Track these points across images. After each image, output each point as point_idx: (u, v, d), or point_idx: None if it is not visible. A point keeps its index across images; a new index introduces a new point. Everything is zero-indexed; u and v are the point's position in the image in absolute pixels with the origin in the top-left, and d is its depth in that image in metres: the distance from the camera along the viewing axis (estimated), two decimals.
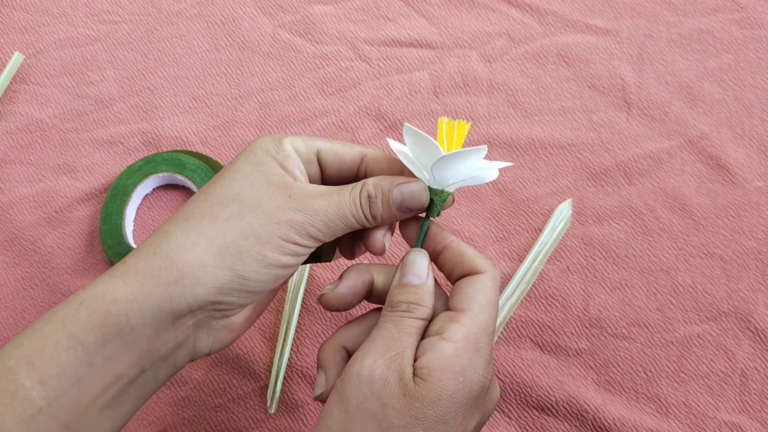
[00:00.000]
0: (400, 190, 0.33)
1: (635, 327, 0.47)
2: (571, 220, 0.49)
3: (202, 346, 0.32)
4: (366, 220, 0.33)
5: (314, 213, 0.31)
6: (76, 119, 0.53)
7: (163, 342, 0.30)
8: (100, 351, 0.28)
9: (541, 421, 0.45)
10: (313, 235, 0.31)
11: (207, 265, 0.29)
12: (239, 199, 0.31)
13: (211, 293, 0.30)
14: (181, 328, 0.30)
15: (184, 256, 0.29)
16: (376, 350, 0.31)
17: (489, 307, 0.33)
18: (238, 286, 0.30)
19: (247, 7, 0.55)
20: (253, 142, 0.33)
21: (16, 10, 0.55)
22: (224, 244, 0.30)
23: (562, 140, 0.51)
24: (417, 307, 0.32)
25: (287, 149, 0.33)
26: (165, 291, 0.29)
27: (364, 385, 0.30)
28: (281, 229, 0.30)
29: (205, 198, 0.32)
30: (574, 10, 0.54)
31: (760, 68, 0.52)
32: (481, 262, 0.34)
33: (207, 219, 0.30)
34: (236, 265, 0.30)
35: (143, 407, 0.46)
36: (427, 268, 0.34)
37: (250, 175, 0.32)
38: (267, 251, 0.30)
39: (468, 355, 0.31)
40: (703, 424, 0.45)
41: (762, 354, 0.46)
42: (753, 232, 0.48)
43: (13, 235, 0.50)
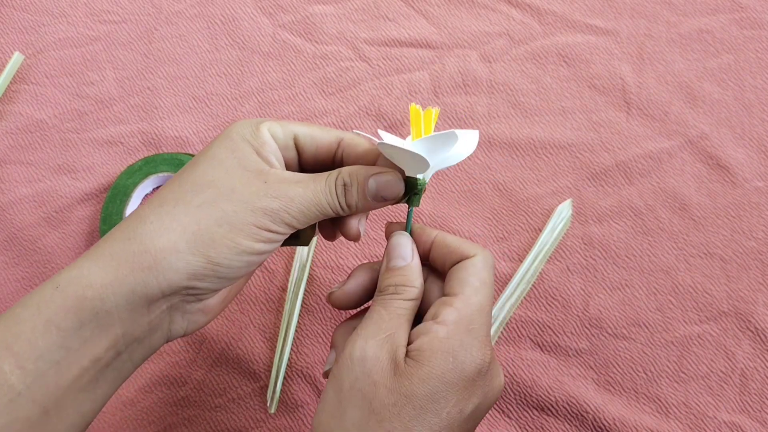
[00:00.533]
0: (375, 180, 0.33)
1: (635, 327, 0.47)
2: (571, 220, 0.49)
3: (177, 328, 0.32)
4: (341, 209, 0.33)
5: (289, 200, 0.31)
6: (76, 119, 0.53)
7: (138, 325, 0.30)
8: (76, 334, 0.29)
9: (541, 421, 0.45)
10: (287, 222, 0.31)
11: (180, 251, 0.29)
12: (213, 185, 0.31)
13: (185, 279, 0.30)
14: (155, 312, 0.30)
15: (157, 242, 0.29)
16: (367, 332, 0.31)
17: (482, 287, 0.33)
18: (211, 272, 0.30)
19: (247, 7, 0.55)
20: (230, 127, 0.33)
21: (16, 10, 0.55)
22: (198, 230, 0.30)
23: (562, 140, 0.51)
24: (404, 288, 0.33)
25: (264, 135, 0.33)
26: (139, 276, 0.29)
27: (356, 365, 0.30)
28: (255, 216, 0.30)
29: (179, 184, 0.32)
30: (574, 10, 0.54)
31: (760, 68, 0.52)
32: (468, 247, 0.34)
33: (181, 205, 0.30)
34: (210, 252, 0.30)
35: (144, 408, 0.46)
36: (411, 249, 0.34)
37: (225, 161, 0.32)
38: (240, 239, 0.30)
39: (459, 336, 0.31)
40: (703, 424, 0.45)
41: (762, 354, 0.46)
42: (753, 232, 0.48)
43: (13, 235, 0.50)
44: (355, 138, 0.35)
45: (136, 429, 0.46)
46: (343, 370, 0.30)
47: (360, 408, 0.30)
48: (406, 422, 0.29)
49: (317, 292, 0.48)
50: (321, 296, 0.48)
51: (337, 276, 0.48)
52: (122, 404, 0.46)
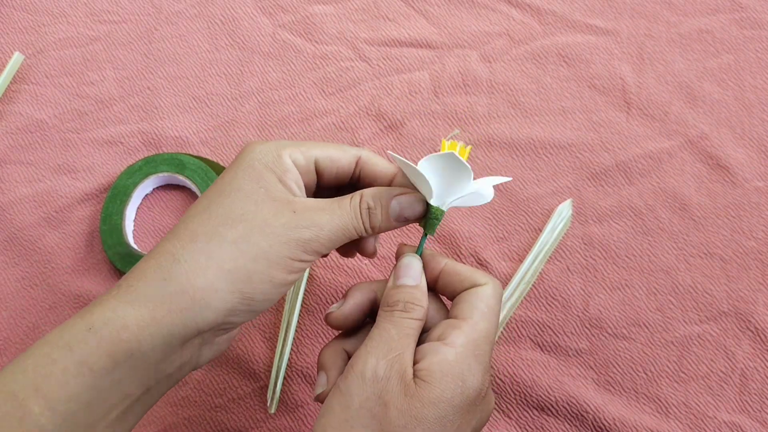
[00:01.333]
0: (398, 201, 0.33)
1: (635, 327, 0.47)
2: (571, 220, 0.49)
3: (204, 359, 0.33)
4: (365, 231, 0.33)
5: (319, 229, 0.31)
6: (76, 119, 0.53)
7: (171, 362, 0.30)
8: (108, 375, 0.28)
9: (541, 421, 0.45)
10: (317, 250, 0.32)
11: (219, 290, 0.30)
12: (245, 219, 0.31)
13: (221, 316, 0.30)
14: (188, 348, 0.31)
15: (195, 282, 0.29)
16: (378, 351, 0.31)
17: (489, 314, 0.33)
18: (246, 307, 0.31)
19: (247, 7, 0.55)
20: (250, 152, 0.33)
21: (16, 10, 0.55)
22: (235, 268, 0.30)
23: (562, 140, 0.51)
24: (413, 307, 0.33)
25: (286, 163, 0.33)
26: (177, 317, 0.29)
27: (368, 384, 0.30)
28: (289, 248, 0.31)
29: (209, 217, 0.31)
30: (574, 10, 0.54)
31: (760, 68, 0.52)
32: (479, 276, 0.35)
33: (215, 241, 0.30)
34: (246, 288, 0.30)
35: None
36: (421, 271, 0.35)
37: (253, 194, 0.32)
38: (276, 272, 0.31)
39: (468, 361, 0.31)
40: (703, 424, 0.45)
41: (762, 354, 0.46)
42: (753, 232, 0.48)
43: (13, 235, 0.50)
44: (371, 156, 0.35)
45: (136, 429, 0.46)
46: (354, 388, 0.30)
47: (369, 428, 0.30)
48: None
49: (317, 292, 0.48)
50: (321, 296, 0.48)
51: (337, 276, 0.48)
52: None
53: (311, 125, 0.52)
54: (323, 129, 0.52)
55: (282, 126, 0.52)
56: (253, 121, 0.52)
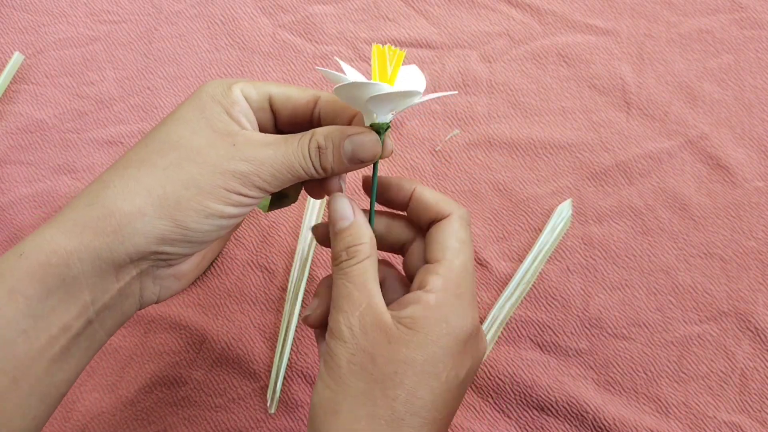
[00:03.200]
0: (351, 141, 0.32)
1: (635, 327, 0.47)
2: (571, 220, 0.49)
3: (149, 294, 0.32)
4: (315, 172, 0.32)
5: (260, 163, 0.30)
6: (76, 119, 0.53)
7: (107, 292, 0.30)
8: (43, 302, 0.28)
9: (541, 421, 0.45)
10: (258, 186, 0.30)
11: (146, 214, 0.29)
12: (180, 146, 0.30)
13: (152, 243, 0.29)
14: (124, 278, 0.30)
15: (122, 206, 0.29)
16: (344, 307, 0.31)
17: (462, 248, 0.33)
18: (180, 236, 0.30)
19: (247, 7, 0.55)
20: (202, 86, 0.32)
21: (16, 10, 0.55)
22: (164, 194, 0.29)
23: (562, 140, 0.51)
24: (356, 249, 0.32)
25: (235, 95, 0.32)
26: (104, 241, 0.28)
27: (348, 342, 0.30)
28: (224, 179, 0.30)
29: (145, 145, 0.31)
30: (574, 10, 0.54)
31: (760, 68, 0.52)
32: (444, 206, 0.33)
33: (146, 167, 0.30)
34: (177, 216, 0.29)
35: (144, 408, 0.46)
36: (350, 206, 0.33)
37: (192, 122, 0.31)
38: (209, 202, 0.30)
39: (450, 302, 0.31)
40: (703, 424, 0.45)
41: (762, 354, 0.46)
42: (753, 232, 0.48)
43: (13, 235, 0.50)
44: (332, 96, 0.34)
45: (136, 429, 0.46)
46: (336, 348, 0.30)
47: (363, 380, 0.29)
48: (409, 388, 0.29)
49: None
50: None
51: None
52: (122, 404, 0.46)
53: None
54: None
55: None
56: None
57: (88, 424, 0.46)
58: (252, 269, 0.49)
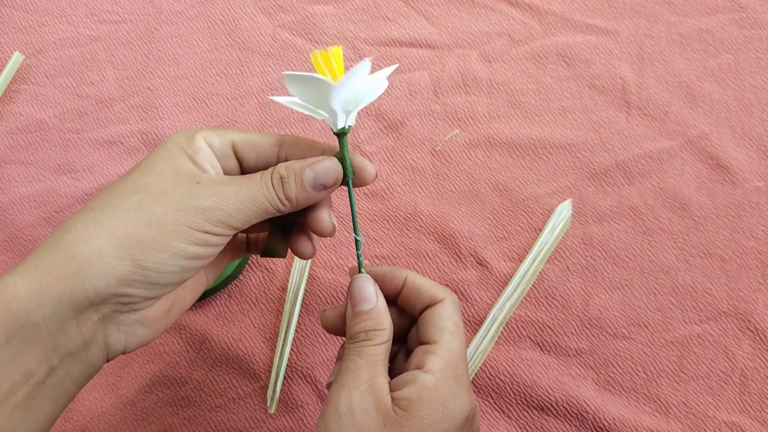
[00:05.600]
0: (312, 168, 0.32)
1: (635, 327, 0.47)
2: (571, 220, 0.49)
3: (115, 342, 0.31)
4: (281, 203, 0.32)
5: (223, 197, 0.30)
6: (76, 119, 0.53)
7: (69, 338, 0.29)
8: (4, 349, 0.28)
9: (541, 421, 0.45)
10: (225, 222, 0.30)
11: (105, 255, 0.28)
12: (143, 190, 0.30)
13: (112, 285, 0.29)
14: (86, 323, 0.29)
15: (82, 248, 0.28)
16: (349, 383, 0.31)
17: (457, 331, 0.34)
18: (141, 277, 0.29)
19: (247, 7, 0.55)
20: (169, 138, 0.33)
21: (16, 10, 0.55)
22: (125, 234, 0.29)
23: (562, 140, 0.51)
24: (375, 333, 0.33)
25: (198, 143, 0.32)
26: (64, 284, 0.28)
27: (344, 419, 0.30)
28: (187, 216, 0.29)
29: (110, 191, 0.31)
30: (574, 10, 0.54)
31: (760, 68, 0.52)
32: (437, 291, 0.35)
33: (108, 210, 0.30)
34: (137, 255, 0.29)
35: (144, 408, 0.46)
36: (374, 290, 0.34)
37: (157, 168, 0.31)
38: (172, 240, 0.29)
39: (447, 385, 0.31)
40: (703, 424, 0.45)
41: (762, 354, 0.46)
42: (753, 232, 0.48)
43: (13, 235, 0.50)
44: (295, 138, 0.34)
45: (136, 429, 0.46)
46: (331, 424, 0.30)
47: None
48: None
49: (317, 292, 0.48)
50: (321, 296, 0.48)
51: (337, 276, 0.48)
52: (122, 404, 0.46)
53: (311, 125, 0.52)
54: (322, 129, 0.52)
55: (282, 126, 0.52)
56: (253, 121, 0.52)
57: (88, 424, 0.46)
58: (252, 269, 0.49)
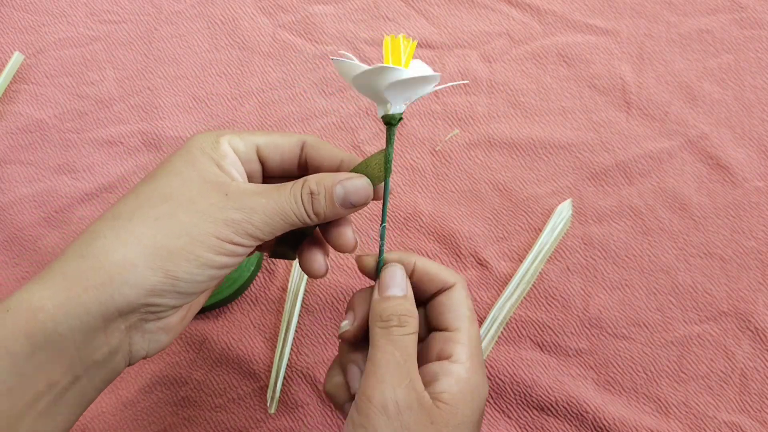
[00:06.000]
0: (343, 185, 0.32)
1: (635, 327, 0.47)
2: (571, 220, 0.49)
3: (138, 349, 0.31)
4: (308, 217, 0.32)
5: (252, 211, 0.30)
6: (76, 119, 0.53)
7: (96, 347, 0.29)
8: (29, 359, 0.27)
9: (541, 421, 0.45)
10: (251, 234, 0.30)
11: (137, 266, 0.28)
12: (172, 197, 0.30)
13: (142, 295, 0.28)
14: (113, 332, 0.29)
15: (112, 257, 0.28)
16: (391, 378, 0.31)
17: (473, 316, 0.34)
18: (171, 287, 0.29)
19: (247, 7, 0.55)
20: (190, 140, 0.32)
21: (16, 10, 0.55)
22: (155, 244, 0.29)
23: (562, 140, 0.51)
24: (407, 320, 0.33)
25: (224, 148, 0.32)
26: (93, 294, 0.28)
27: (393, 418, 0.30)
28: (217, 227, 0.29)
29: (135, 196, 0.30)
30: (574, 10, 0.54)
31: (760, 68, 0.52)
32: (447, 276, 0.35)
33: (137, 218, 0.29)
34: (168, 266, 0.29)
35: (144, 408, 0.46)
36: (407, 280, 0.34)
37: (183, 173, 0.31)
38: (201, 251, 0.29)
39: (477, 372, 0.32)
40: (703, 424, 0.45)
41: (762, 354, 0.46)
42: (753, 232, 0.48)
43: (13, 235, 0.50)
44: (317, 141, 0.34)
45: (136, 429, 0.46)
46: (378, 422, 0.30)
47: None
48: None
49: (317, 292, 0.48)
50: (321, 296, 0.48)
51: (337, 276, 0.48)
52: (122, 404, 0.46)
53: (311, 125, 0.52)
54: (323, 129, 0.52)
55: (282, 126, 0.52)
56: (253, 121, 0.52)
57: (88, 424, 0.46)
58: None
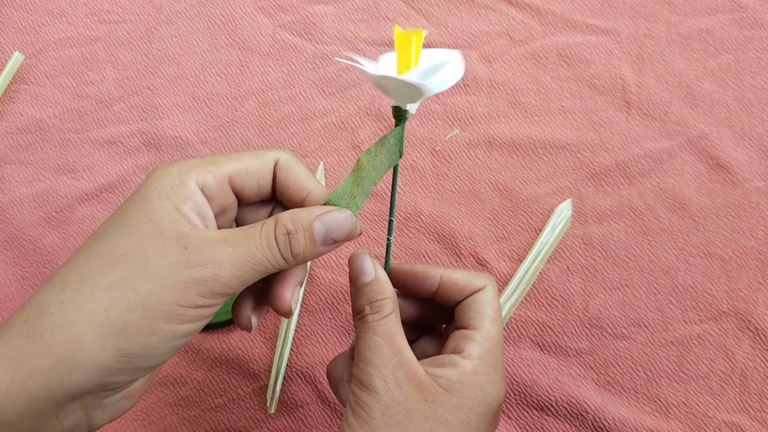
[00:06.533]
0: (322, 221, 0.29)
1: (635, 327, 0.47)
2: (571, 220, 0.49)
3: (99, 421, 0.29)
4: (285, 261, 0.29)
5: (217, 265, 0.27)
6: (76, 119, 0.53)
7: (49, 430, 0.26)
8: None
9: (541, 421, 0.45)
10: (219, 292, 0.27)
11: (86, 347, 0.25)
12: (125, 260, 0.26)
13: (95, 377, 0.26)
14: (67, 415, 0.27)
15: (58, 339, 0.25)
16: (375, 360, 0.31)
17: (497, 318, 0.34)
18: (127, 365, 0.26)
19: (247, 7, 0.55)
20: (148, 179, 0.28)
21: (16, 10, 0.55)
22: (107, 320, 0.26)
23: (562, 140, 0.51)
24: (380, 304, 0.32)
25: (189, 188, 0.28)
26: (40, 380, 0.25)
27: (382, 394, 0.30)
28: (177, 293, 0.26)
29: (86, 260, 0.27)
30: (574, 10, 0.54)
31: (760, 68, 0.52)
32: (476, 280, 0.34)
33: (86, 288, 0.26)
34: (122, 344, 0.26)
35: (144, 408, 0.46)
36: (371, 263, 0.33)
37: (137, 228, 0.27)
38: (160, 323, 0.26)
39: (486, 372, 0.32)
40: (703, 424, 0.45)
41: (762, 354, 0.46)
42: (753, 232, 0.48)
43: (13, 235, 0.50)
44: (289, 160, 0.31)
45: (136, 429, 0.46)
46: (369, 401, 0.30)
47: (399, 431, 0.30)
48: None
49: (317, 292, 0.48)
50: (321, 296, 0.48)
51: (337, 276, 0.48)
52: None
53: (311, 125, 0.52)
54: (323, 129, 0.52)
55: (282, 126, 0.52)
56: (253, 121, 0.52)
57: None
58: None
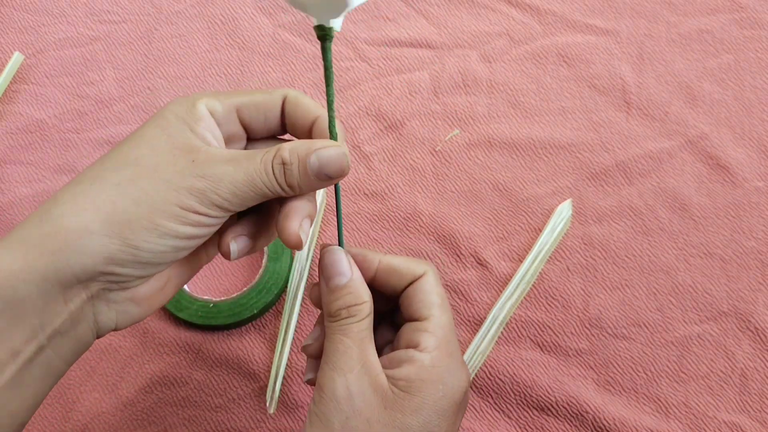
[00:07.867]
0: (318, 155, 0.30)
1: (635, 327, 0.47)
2: (571, 220, 0.49)
3: (105, 320, 0.30)
4: (281, 189, 0.30)
5: (217, 179, 0.28)
6: (76, 119, 0.53)
7: (56, 315, 0.28)
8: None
9: (541, 421, 0.45)
10: (218, 204, 0.29)
11: (93, 232, 0.27)
12: (137, 163, 0.28)
13: (100, 263, 0.27)
14: (74, 300, 0.28)
15: (68, 223, 0.27)
16: (341, 365, 0.30)
17: (443, 304, 0.33)
18: (130, 256, 0.28)
19: (247, 7, 0.55)
20: (166, 106, 0.31)
21: (16, 10, 0.55)
22: (113, 210, 0.27)
23: (562, 140, 0.51)
24: (357, 308, 0.32)
25: (200, 111, 0.30)
26: (49, 260, 0.27)
27: (343, 404, 0.30)
28: (179, 196, 0.28)
29: (101, 162, 0.29)
30: (574, 10, 0.54)
31: (760, 68, 0.52)
32: (416, 267, 0.34)
33: (98, 183, 0.28)
34: (126, 234, 0.27)
35: (144, 408, 0.46)
36: (348, 262, 0.33)
37: (152, 140, 0.29)
38: (162, 220, 0.28)
39: (444, 363, 0.31)
40: (703, 424, 0.45)
41: (762, 354, 0.46)
42: (753, 232, 0.48)
43: None
44: (298, 95, 0.32)
45: (136, 429, 0.46)
46: (330, 411, 0.30)
47: None
48: None
49: None
50: None
51: None
52: (122, 404, 0.46)
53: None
54: None
55: None
56: None
57: (88, 424, 0.46)
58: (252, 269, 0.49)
